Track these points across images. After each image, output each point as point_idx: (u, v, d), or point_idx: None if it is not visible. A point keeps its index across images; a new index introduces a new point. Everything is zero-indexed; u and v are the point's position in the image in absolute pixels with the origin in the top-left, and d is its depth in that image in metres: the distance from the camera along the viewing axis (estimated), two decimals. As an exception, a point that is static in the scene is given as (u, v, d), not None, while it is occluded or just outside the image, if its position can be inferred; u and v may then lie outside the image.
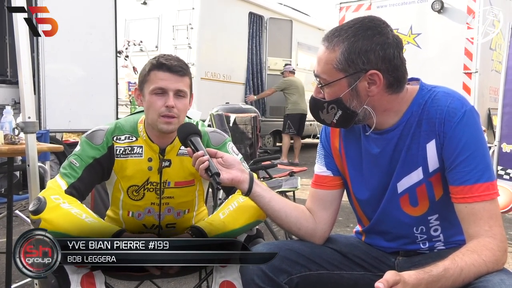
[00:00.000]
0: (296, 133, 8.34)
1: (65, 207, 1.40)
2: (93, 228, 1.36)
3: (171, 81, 1.53)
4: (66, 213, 1.38)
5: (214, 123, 3.78)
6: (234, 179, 1.37)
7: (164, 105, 1.52)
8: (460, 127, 1.21)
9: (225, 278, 1.48)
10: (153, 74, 1.54)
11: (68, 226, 1.35)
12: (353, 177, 1.43)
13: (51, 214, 1.37)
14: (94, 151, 1.58)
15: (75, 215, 1.38)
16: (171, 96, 1.53)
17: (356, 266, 1.42)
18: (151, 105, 1.55)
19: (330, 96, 1.28)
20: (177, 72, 1.54)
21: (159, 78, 1.53)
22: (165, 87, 1.53)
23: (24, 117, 2.04)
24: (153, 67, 1.54)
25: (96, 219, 1.41)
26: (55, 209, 1.39)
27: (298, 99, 8.37)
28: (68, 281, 1.34)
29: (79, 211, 1.40)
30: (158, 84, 1.53)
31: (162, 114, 1.53)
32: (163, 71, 1.53)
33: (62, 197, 1.44)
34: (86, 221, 1.37)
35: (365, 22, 1.23)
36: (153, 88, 1.53)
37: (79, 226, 1.35)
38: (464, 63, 6.74)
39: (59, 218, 1.37)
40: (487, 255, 1.13)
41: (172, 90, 1.53)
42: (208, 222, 1.44)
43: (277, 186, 3.45)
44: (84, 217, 1.38)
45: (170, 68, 1.53)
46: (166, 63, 1.53)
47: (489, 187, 1.19)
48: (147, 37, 8.15)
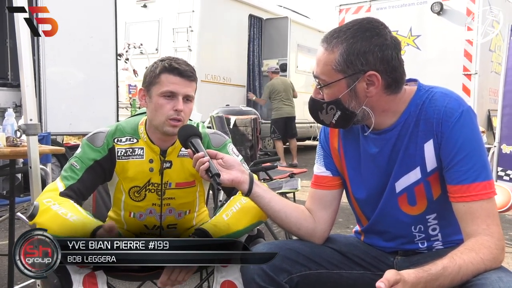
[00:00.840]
0: (282, 137, 8.32)
1: (54, 209, 1.41)
2: (75, 226, 1.35)
3: (181, 86, 1.55)
4: (54, 214, 1.39)
5: (214, 125, 3.79)
6: (234, 180, 1.38)
7: (172, 108, 1.55)
8: (458, 127, 1.23)
9: (226, 278, 1.49)
10: (164, 77, 1.55)
11: (55, 227, 1.36)
12: (352, 177, 1.44)
13: (42, 217, 1.40)
14: (95, 153, 1.59)
15: (61, 215, 1.38)
16: (181, 100, 1.55)
17: (356, 266, 1.43)
18: (159, 107, 1.56)
19: (329, 97, 1.29)
20: (188, 77, 1.56)
21: (170, 82, 1.55)
22: (176, 91, 1.55)
23: (25, 119, 2.05)
24: (165, 70, 1.55)
25: (81, 216, 1.40)
26: (46, 211, 1.40)
27: (280, 103, 8.26)
28: (70, 281, 1.36)
29: (66, 210, 1.40)
30: (169, 88, 1.54)
31: (170, 117, 1.55)
32: (174, 75, 1.55)
33: (54, 199, 1.45)
34: (70, 220, 1.37)
35: (364, 24, 1.25)
36: (163, 91, 1.55)
37: (63, 225, 1.36)
38: (464, 65, 6.76)
39: (49, 220, 1.38)
40: (485, 253, 1.14)
41: (182, 95, 1.56)
42: (213, 224, 1.45)
43: (277, 188, 3.46)
44: (69, 216, 1.38)
45: (182, 73, 1.55)
46: (179, 68, 1.55)
47: (486, 186, 1.20)
48: (147, 40, 8.17)
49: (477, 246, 1.16)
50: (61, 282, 1.37)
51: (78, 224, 1.35)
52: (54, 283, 1.37)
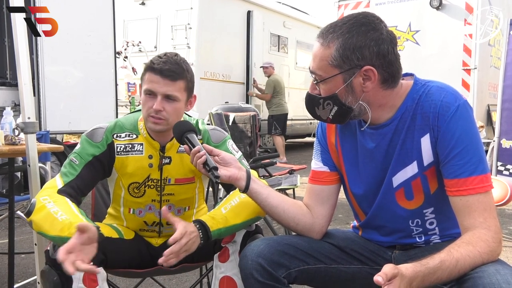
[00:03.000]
0: (282, 133, 8.41)
1: (48, 207, 1.40)
2: (63, 226, 1.33)
3: (160, 85, 1.52)
4: (47, 213, 1.39)
5: (213, 122, 3.80)
6: (232, 177, 1.39)
7: (152, 107, 1.53)
8: (454, 121, 1.23)
9: (225, 274, 1.50)
10: (147, 75, 1.55)
11: (46, 226, 1.36)
12: (349, 172, 1.44)
13: (37, 216, 1.40)
14: (94, 149, 1.59)
15: (52, 214, 1.37)
16: (159, 99, 1.53)
17: (354, 260, 1.44)
18: (143, 104, 1.58)
19: (326, 92, 1.29)
20: (168, 76, 1.52)
21: (150, 80, 1.54)
22: (154, 90, 1.53)
23: (24, 118, 2.05)
24: (148, 68, 1.55)
25: (71, 215, 1.37)
26: (41, 209, 1.40)
27: (282, 99, 8.46)
28: (70, 278, 1.36)
29: (57, 209, 1.39)
30: (147, 86, 1.54)
31: (150, 114, 1.55)
32: (155, 74, 1.53)
33: (50, 197, 1.44)
34: (59, 219, 1.35)
35: (359, 18, 1.25)
36: (144, 89, 1.55)
37: (52, 225, 1.35)
38: (463, 60, 6.75)
39: (42, 219, 1.39)
40: (482, 246, 1.15)
41: (161, 94, 1.53)
42: (211, 216, 1.45)
43: (276, 184, 3.46)
44: (59, 215, 1.37)
45: (162, 72, 1.52)
46: (157, 67, 1.52)
47: (483, 180, 1.21)
48: (145, 38, 8.17)
49: (474, 240, 1.16)
50: (60, 279, 1.36)
51: (65, 223, 1.33)
52: (54, 280, 1.37)
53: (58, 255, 1.18)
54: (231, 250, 1.51)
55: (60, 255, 1.17)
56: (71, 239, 1.22)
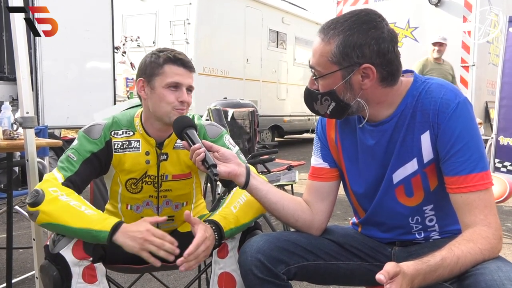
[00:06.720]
0: None
1: (64, 199, 1.41)
2: (93, 220, 1.36)
3: (184, 77, 1.56)
4: (65, 205, 1.39)
5: (212, 118, 3.79)
6: (231, 173, 1.38)
7: (177, 99, 1.55)
8: (454, 118, 1.22)
9: (224, 270, 1.49)
10: (168, 67, 1.54)
11: (68, 218, 1.36)
12: (349, 169, 1.44)
13: (50, 207, 1.38)
14: (92, 145, 1.59)
15: (74, 207, 1.39)
16: (185, 91, 1.57)
17: (353, 256, 1.44)
18: (163, 98, 1.55)
19: (324, 88, 1.29)
20: (189, 67, 1.58)
21: (175, 73, 1.54)
22: (180, 82, 1.55)
23: (22, 112, 2.04)
24: (169, 61, 1.55)
25: (95, 211, 1.42)
26: (54, 201, 1.39)
27: None
28: (69, 274, 1.35)
29: (78, 203, 1.41)
30: (174, 79, 1.54)
31: (176, 107, 1.55)
32: (178, 66, 1.55)
33: (60, 189, 1.44)
34: (86, 213, 1.38)
35: (361, 16, 1.24)
36: (168, 82, 1.54)
37: (79, 218, 1.36)
38: (462, 57, 6.75)
39: (58, 211, 1.38)
40: (483, 243, 1.15)
41: (185, 85, 1.57)
42: (222, 216, 1.45)
43: (275, 180, 3.46)
44: (83, 209, 1.39)
45: (185, 64, 1.56)
46: (183, 59, 1.56)
47: (483, 177, 1.20)
48: (144, 33, 8.15)
49: (475, 237, 1.16)
50: (60, 274, 1.36)
51: (94, 218, 1.37)
52: (53, 275, 1.36)
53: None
54: (230, 246, 1.51)
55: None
56: (159, 231, 1.40)
